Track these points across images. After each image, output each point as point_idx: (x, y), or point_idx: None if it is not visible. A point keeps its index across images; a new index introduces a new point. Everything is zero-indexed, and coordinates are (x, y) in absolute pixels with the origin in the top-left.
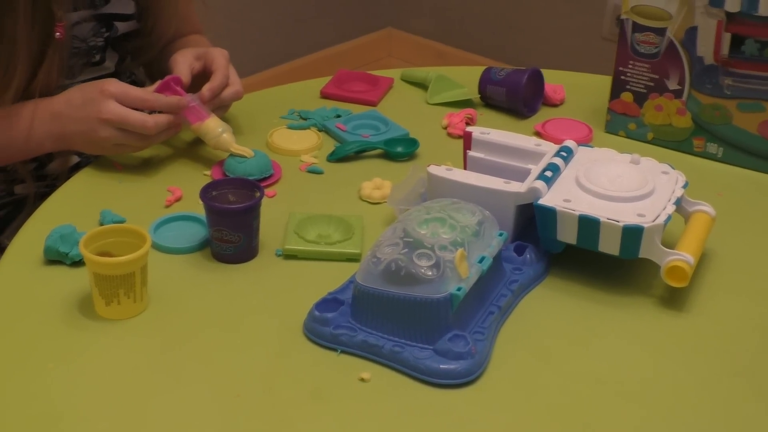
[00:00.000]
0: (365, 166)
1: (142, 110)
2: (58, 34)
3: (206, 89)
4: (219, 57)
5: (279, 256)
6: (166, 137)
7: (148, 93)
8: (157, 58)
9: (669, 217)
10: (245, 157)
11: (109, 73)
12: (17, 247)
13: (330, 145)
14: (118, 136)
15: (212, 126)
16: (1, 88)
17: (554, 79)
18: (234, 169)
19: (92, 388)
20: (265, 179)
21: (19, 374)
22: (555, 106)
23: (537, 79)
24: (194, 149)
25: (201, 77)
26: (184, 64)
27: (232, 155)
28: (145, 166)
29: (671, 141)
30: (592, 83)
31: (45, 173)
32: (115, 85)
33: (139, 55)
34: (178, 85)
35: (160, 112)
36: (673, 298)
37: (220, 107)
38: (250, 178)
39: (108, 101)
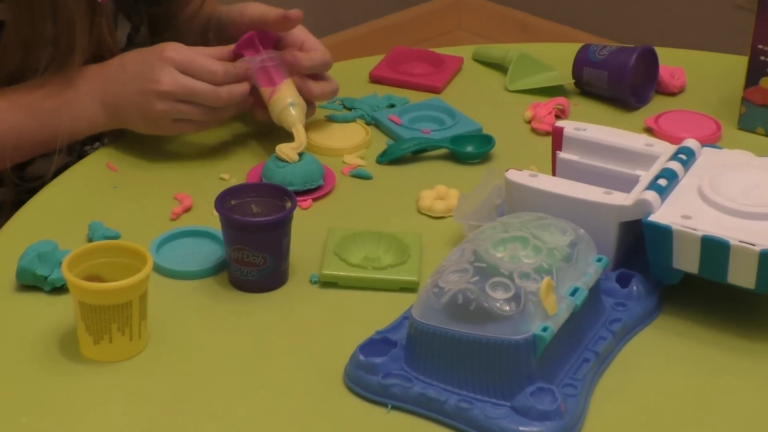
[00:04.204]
0: (425, 170)
1: (208, 83)
2: None
3: (295, 54)
4: (308, 37)
5: (314, 283)
6: (237, 111)
7: (219, 63)
8: (178, 33)
9: None
10: (287, 160)
11: (120, 48)
12: None
13: (380, 142)
14: (178, 109)
15: (282, 94)
16: (66, 62)
17: (671, 60)
18: (272, 175)
19: None
20: (309, 191)
21: None
22: (672, 94)
23: (649, 60)
24: (209, 145)
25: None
26: (270, 12)
27: (277, 156)
28: (147, 167)
29: None
30: (722, 65)
31: (24, 175)
32: (178, 50)
33: (158, 27)
34: (267, 41)
35: None
36: None
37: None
38: (291, 189)
39: (167, 69)
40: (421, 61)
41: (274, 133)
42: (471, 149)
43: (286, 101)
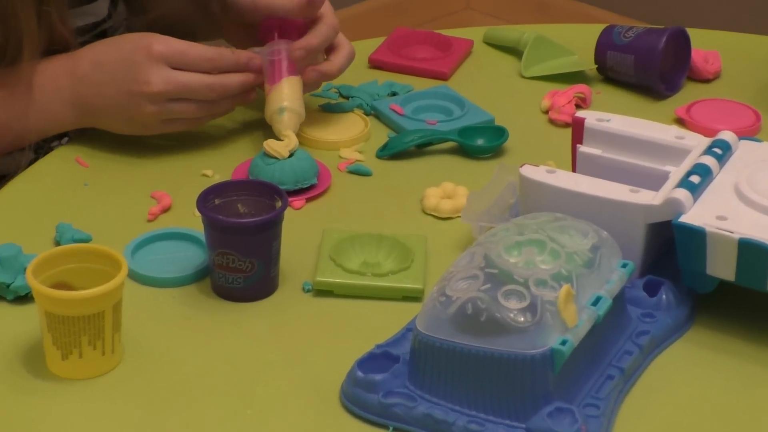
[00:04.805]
0: (431, 166)
1: (202, 72)
2: None
3: (304, 43)
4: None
5: (308, 291)
6: (232, 106)
7: (214, 49)
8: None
9: None
10: (276, 156)
11: (100, 20)
12: None
13: (381, 134)
14: (170, 109)
15: (277, 95)
16: (10, 54)
17: (705, 43)
18: (259, 173)
19: None
20: (301, 191)
21: None
22: (706, 81)
23: (680, 43)
24: (190, 138)
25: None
26: None
27: (265, 152)
28: (121, 162)
29: None
30: (761, 49)
31: None
32: (165, 43)
33: (136, 7)
34: (290, 29)
35: None
36: None
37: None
38: (283, 188)
39: (158, 67)
40: (427, 44)
41: (263, 126)
42: (482, 142)
43: (278, 104)
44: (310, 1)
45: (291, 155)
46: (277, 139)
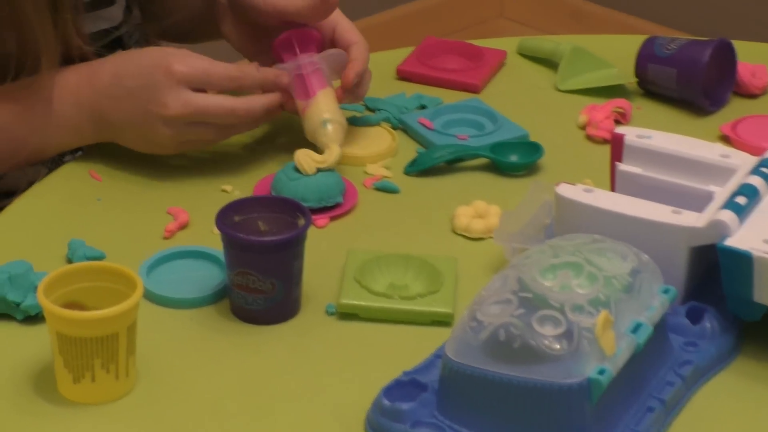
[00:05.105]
0: (461, 183)
1: (225, 92)
2: None
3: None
4: (343, 20)
5: (331, 314)
6: (256, 126)
7: (238, 68)
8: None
9: None
10: (303, 171)
11: (114, 26)
12: None
13: (409, 150)
14: (187, 132)
15: (317, 108)
16: (29, 66)
17: (752, 56)
18: (282, 188)
19: None
20: (325, 209)
21: None
22: (753, 96)
23: (726, 56)
24: (209, 151)
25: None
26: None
27: (297, 164)
28: (136, 177)
29: None
30: None
31: None
32: (186, 63)
33: (150, 12)
34: (308, 41)
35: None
36: None
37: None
38: (306, 205)
39: (176, 89)
40: (457, 55)
41: (287, 140)
42: (515, 159)
43: (320, 117)
44: (323, 0)
45: (318, 171)
46: (313, 149)
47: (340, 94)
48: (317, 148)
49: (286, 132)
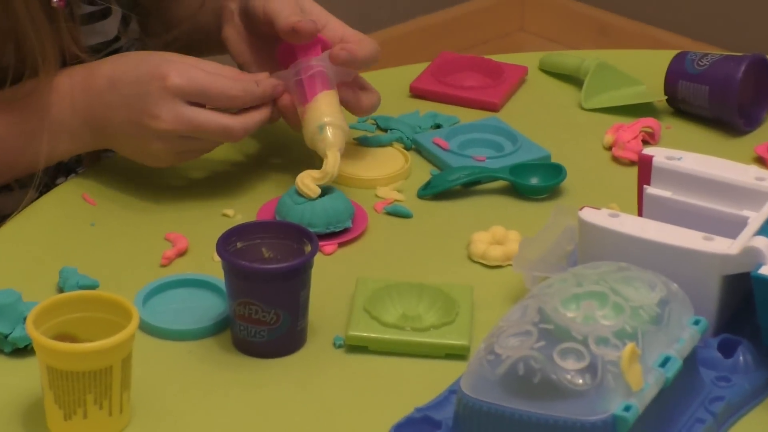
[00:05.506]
0: (479, 207)
1: (224, 109)
2: (54, 1)
3: (344, 46)
4: (333, 20)
5: (339, 347)
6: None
7: (238, 85)
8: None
9: None
10: (307, 195)
11: (109, 40)
12: None
13: (423, 171)
14: (181, 144)
15: (316, 112)
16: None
17: None
18: (287, 213)
19: None
20: (333, 234)
21: None
22: None
23: (761, 72)
24: (209, 172)
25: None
26: (280, 18)
27: (299, 190)
28: (132, 200)
29: None
30: None
31: None
32: (184, 75)
33: (149, 26)
34: (312, 45)
35: None
36: None
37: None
38: (313, 230)
39: (171, 102)
40: (475, 71)
41: (292, 161)
42: (536, 181)
43: (318, 121)
44: (295, 28)
45: (323, 194)
46: (318, 168)
47: (335, 58)
48: (319, 159)
49: (291, 151)
